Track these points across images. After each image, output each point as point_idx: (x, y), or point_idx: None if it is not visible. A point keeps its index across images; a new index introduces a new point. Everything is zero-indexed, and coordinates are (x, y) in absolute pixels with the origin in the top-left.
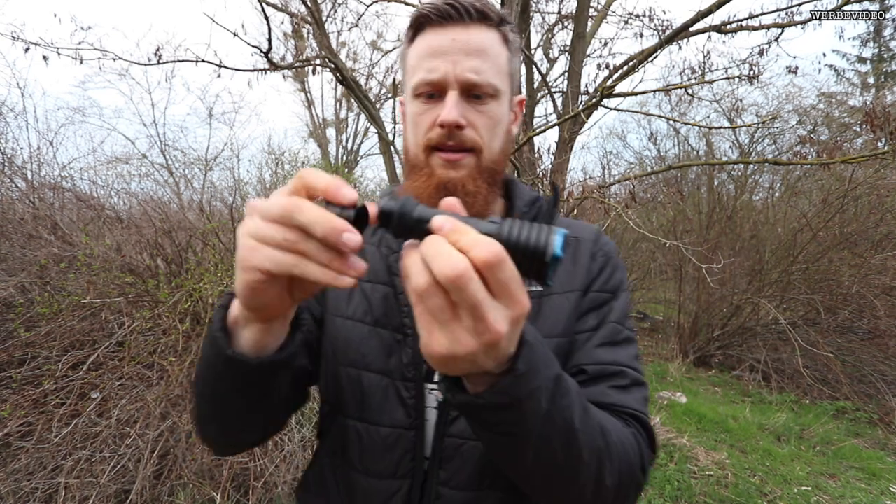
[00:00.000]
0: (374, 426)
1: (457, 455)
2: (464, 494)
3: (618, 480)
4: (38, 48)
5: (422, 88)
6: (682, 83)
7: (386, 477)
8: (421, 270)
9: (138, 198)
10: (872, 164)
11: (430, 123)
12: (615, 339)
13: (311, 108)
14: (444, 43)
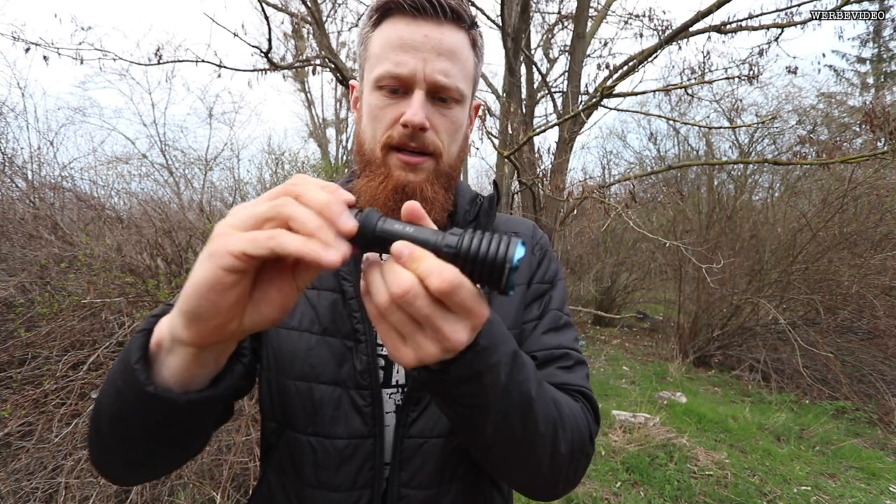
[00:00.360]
0: (329, 439)
1: (417, 454)
2: (426, 493)
3: (571, 448)
4: (39, 48)
5: (386, 81)
6: (682, 83)
7: (345, 489)
8: (380, 289)
9: (138, 198)
10: (872, 164)
11: (391, 120)
12: (557, 325)
13: (311, 108)
14: (416, 38)
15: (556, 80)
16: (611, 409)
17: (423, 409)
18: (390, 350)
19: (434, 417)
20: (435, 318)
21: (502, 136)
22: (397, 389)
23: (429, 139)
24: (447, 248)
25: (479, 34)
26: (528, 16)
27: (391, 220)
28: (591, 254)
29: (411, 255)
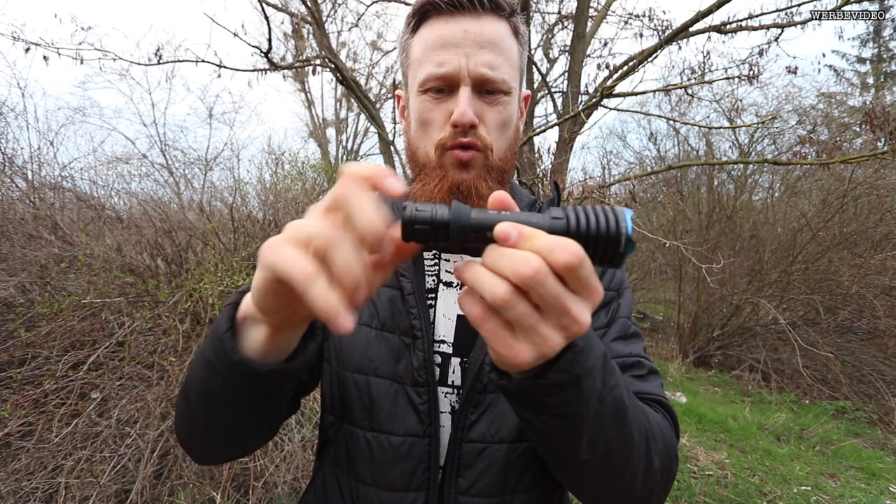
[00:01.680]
0: (385, 434)
1: (478, 460)
2: (486, 501)
3: (661, 462)
4: (39, 48)
5: (431, 83)
6: (682, 83)
7: (399, 489)
8: (496, 281)
9: (138, 198)
10: (872, 164)
11: (441, 122)
12: (627, 334)
13: (311, 108)
14: (456, 34)
15: (556, 80)
16: None
17: (483, 412)
18: (501, 351)
19: (497, 421)
20: (565, 299)
21: None
22: (453, 390)
23: (480, 135)
24: (557, 224)
25: (521, 21)
26: (528, 16)
27: (482, 210)
28: None
29: (521, 234)
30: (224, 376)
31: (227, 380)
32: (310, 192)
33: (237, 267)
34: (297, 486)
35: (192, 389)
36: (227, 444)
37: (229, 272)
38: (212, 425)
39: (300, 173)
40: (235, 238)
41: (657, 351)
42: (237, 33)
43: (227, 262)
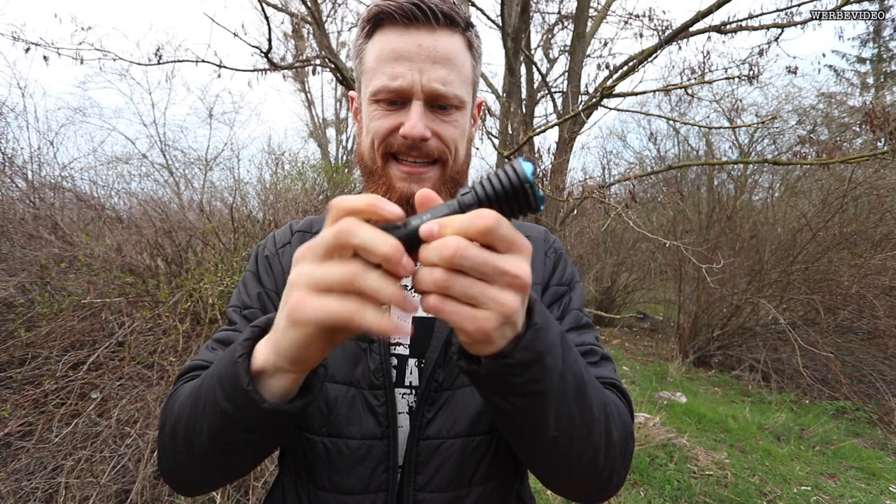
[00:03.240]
0: (343, 439)
1: (435, 456)
2: (444, 496)
3: (620, 434)
4: (39, 48)
5: (383, 95)
6: (682, 83)
7: (358, 492)
8: (430, 270)
9: (138, 198)
10: (872, 164)
11: (388, 130)
12: (579, 324)
13: (311, 108)
14: (410, 48)
15: (556, 80)
16: None
17: (438, 409)
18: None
19: (452, 417)
20: (496, 260)
21: (502, 136)
22: (410, 390)
23: (433, 146)
24: (467, 199)
25: (475, 34)
26: (528, 16)
27: (407, 220)
28: (591, 254)
29: (440, 224)
30: (247, 423)
31: (252, 426)
32: (310, 192)
33: (237, 267)
34: None
35: (196, 438)
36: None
37: (229, 272)
38: (221, 466)
39: (300, 173)
40: (235, 238)
41: (657, 351)
42: (237, 33)
43: (227, 262)
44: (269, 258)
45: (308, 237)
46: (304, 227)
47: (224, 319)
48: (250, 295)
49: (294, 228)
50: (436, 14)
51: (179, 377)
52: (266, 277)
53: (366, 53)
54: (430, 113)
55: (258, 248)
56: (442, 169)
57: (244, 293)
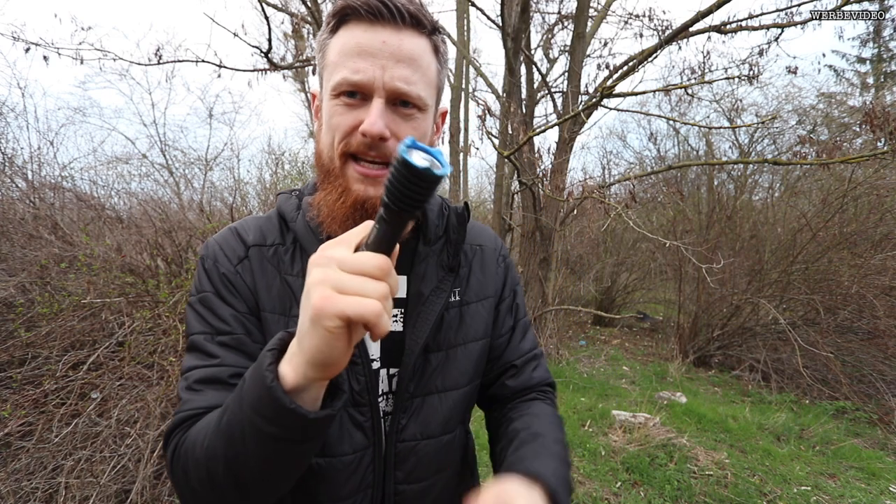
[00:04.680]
0: (338, 457)
1: (411, 455)
2: (420, 485)
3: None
4: (39, 48)
5: (343, 87)
6: (682, 83)
7: (352, 495)
8: None
9: (138, 198)
10: (872, 164)
11: (349, 127)
12: (526, 330)
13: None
14: (374, 44)
15: (556, 80)
16: (611, 409)
17: (411, 415)
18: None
19: (423, 421)
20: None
21: (502, 136)
22: (384, 396)
23: (390, 148)
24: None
25: (442, 40)
26: (528, 16)
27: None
28: (591, 254)
29: None
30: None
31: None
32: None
33: None
34: None
35: (244, 469)
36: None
37: None
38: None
39: (300, 173)
40: None
41: (657, 351)
42: (237, 33)
43: None
44: (229, 276)
45: (266, 252)
46: (258, 241)
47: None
48: (222, 317)
49: (248, 241)
50: (402, 13)
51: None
52: (232, 298)
53: (329, 48)
54: (392, 112)
55: (207, 262)
56: None
57: (211, 317)
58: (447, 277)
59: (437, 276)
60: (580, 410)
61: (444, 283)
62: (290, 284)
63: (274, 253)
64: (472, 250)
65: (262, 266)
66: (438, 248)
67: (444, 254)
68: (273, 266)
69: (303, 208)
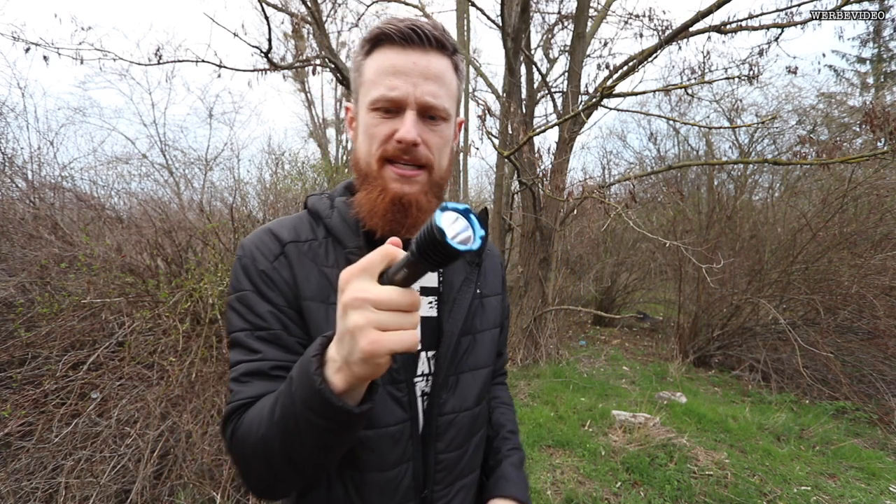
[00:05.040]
0: (382, 428)
1: (450, 427)
2: (457, 453)
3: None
4: (39, 48)
5: (381, 103)
6: (682, 83)
7: (396, 465)
8: None
9: (138, 198)
10: (872, 164)
11: (385, 135)
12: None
13: (311, 108)
14: (406, 64)
15: (556, 80)
16: (611, 409)
17: (450, 391)
18: None
19: (461, 396)
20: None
21: (502, 136)
22: (423, 378)
23: (421, 153)
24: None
25: (461, 59)
26: (528, 16)
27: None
28: (591, 254)
29: None
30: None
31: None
32: (310, 192)
33: None
34: None
35: (299, 454)
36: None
37: (229, 272)
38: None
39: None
40: (235, 238)
41: (657, 351)
42: (237, 33)
43: (227, 262)
44: (268, 272)
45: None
46: (293, 238)
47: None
48: (260, 315)
49: (282, 238)
50: (428, 38)
51: (230, 415)
52: (271, 293)
53: (365, 68)
54: (421, 122)
55: (244, 261)
56: (429, 174)
57: (250, 314)
58: (473, 271)
59: (464, 270)
60: (580, 410)
61: (471, 276)
62: (327, 275)
63: (309, 248)
64: (485, 255)
65: (300, 260)
66: None
67: None
68: (310, 259)
69: (336, 206)
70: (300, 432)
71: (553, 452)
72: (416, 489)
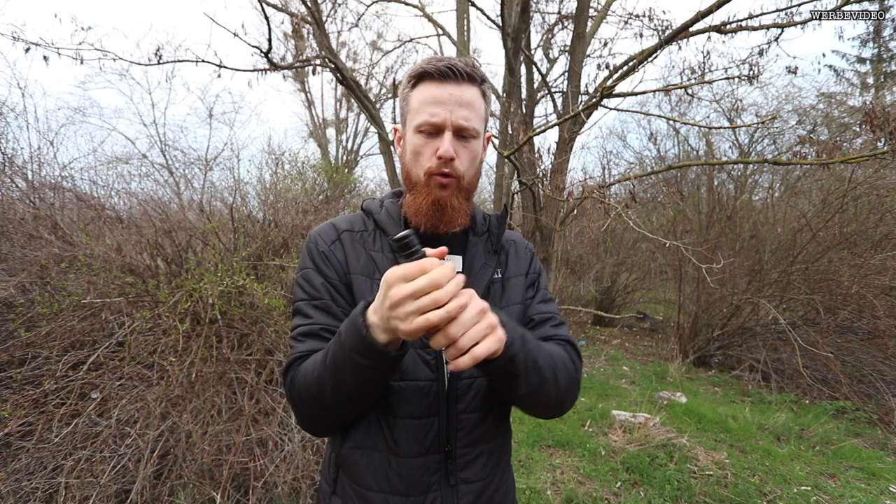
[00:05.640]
0: (413, 381)
1: (470, 390)
2: (476, 415)
3: (566, 380)
4: (39, 48)
5: (425, 127)
6: (682, 83)
7: (424, 417)
8: None
9: (138, 198)
10: (872, 164)
11: (430, 154)
12: (546, 299)
13: (311, 108)
14: (444, 95)
15: (556, 80)
16: (611, 409)
17: None
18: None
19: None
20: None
21: (502, 136)
22: None
23: (456, 166)
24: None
25: (488, 87)
26: (528, 16)
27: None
28: (591, 254)
29: None
30: (384, 368)
31: (386, 368)
32: (310, 191)
33: (237, 267)
34: (296, 486)
35: (344, 389)
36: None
37: (229, 272)
38: (361, 402)
39: (300, 173)
40: (235, 238)
41: (657, 351)
42: (237, 33)
43: (227, 262)
44: (326, 253)
45: (355, 235)
46: (348, 227)
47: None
48: (315, 287)
49: (340, 228)
50: (462, 73)
51: (290, 365)
52: (326, 269)
53: (411, 98)
54: (456, 141)
55: (309, 245)
56: (459, 182)
57: (309, 287)
58: (491, 258)
59: (484, 257)
60: (580, 410)
61: (490, 261)
62: (373, 257)
63: (360, 237)
64: (508, 244)
65: (352, 245)
66: (484, 239)
67: (489, 242)
68: (360, 245)
69: (385, 206)
70: (346, 371)
71: (553, 452)
72: (440, 442)
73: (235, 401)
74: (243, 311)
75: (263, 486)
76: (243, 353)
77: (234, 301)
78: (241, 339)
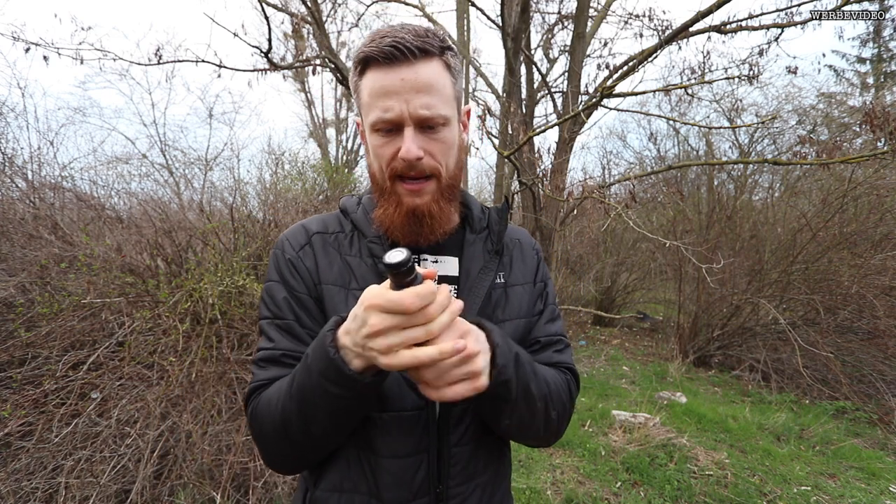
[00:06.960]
0: (397, 412)
1: (466, 416)
2: (469, 447)
3: (559, 411)
4: (39, 48)
5: (379, 125)
6: (682, 83)
7: (411, 454)
8: None
9: (138, 198)
10: (872, 164)
11: (391, 155)
12: (554, 317)
13: (311, 108)
14: (395, 83)
15: (556, 80)
16: (611, 409)
17: None
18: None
19: None
20: None
21: (502, 136)
22: None
23: (426, 164)
24: None
25: (451, 54)
26: (528, 16)
27: None
28: (591, 254)
29: None
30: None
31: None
32: (310, 191)
33: (237, 267)
34: (296, 486)
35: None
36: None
37: (229, 272)
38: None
39: (300, 173)
40: (235, 238)
41: (657, 351)
42: (237, 33)
43: (227, 262)
44: (293, 261)
45: (329, 238)
46: (320, 229)
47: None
48: (277, 303)
49: (311, 230)
50: (411, 50)
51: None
52: (293, 281)
53: (361, 89)
54: (421, 135)
55: (275, 253)
56: (437, 182)
57: (271, 303)
58: (492, 260)
59: (483, 258)
60: (580, 410)
61: (490, 264)
62: (348, 263)
63: (335, 239)
64: (513, 243)
65: (324, 249)
66: (483, 237)
67: (489, 241)
68: (334, 249)
69: (362, 203)
70: (315, 400)
71: (553, 452)
72: (430, 484)
73: (235, 401)
74: (243, 311)
75: (263, 486)
76: (243, 353)
77: (234, 301)
78: (241, 339)
